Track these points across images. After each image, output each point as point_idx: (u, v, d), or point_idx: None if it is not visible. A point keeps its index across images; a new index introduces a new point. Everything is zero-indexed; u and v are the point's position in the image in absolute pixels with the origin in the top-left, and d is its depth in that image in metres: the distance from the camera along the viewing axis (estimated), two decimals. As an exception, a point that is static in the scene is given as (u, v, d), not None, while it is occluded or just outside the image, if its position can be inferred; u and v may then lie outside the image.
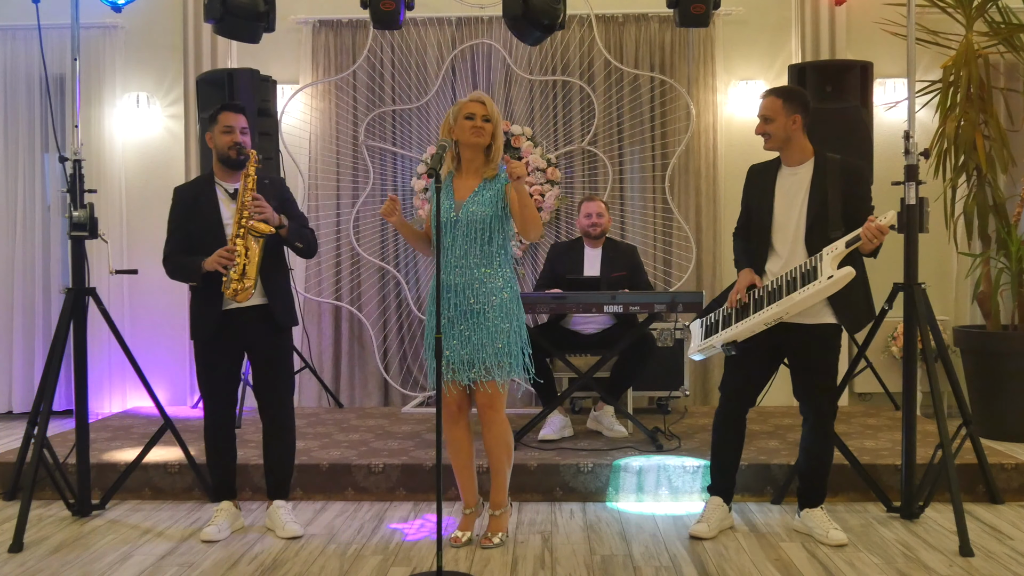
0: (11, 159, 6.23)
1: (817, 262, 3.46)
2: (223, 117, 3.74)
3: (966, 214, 5.62)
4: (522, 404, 5.98)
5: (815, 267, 3.46)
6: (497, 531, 3.63)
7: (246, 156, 3.70)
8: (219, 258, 3.60)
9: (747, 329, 3.55)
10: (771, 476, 4.21)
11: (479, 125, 3.50)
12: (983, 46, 5.58)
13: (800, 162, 3.63)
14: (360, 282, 6.15)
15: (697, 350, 3.75)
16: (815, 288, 3.41)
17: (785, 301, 3.46)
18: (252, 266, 3.61)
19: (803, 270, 3.49)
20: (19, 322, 6.23)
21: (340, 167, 6.13)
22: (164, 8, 6.17)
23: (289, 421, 3.83)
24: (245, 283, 3.60)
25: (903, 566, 3.33)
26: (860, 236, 3.40)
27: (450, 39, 6.08)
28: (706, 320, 3.77)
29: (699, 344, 3.74)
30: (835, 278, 3.38)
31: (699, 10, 4.87)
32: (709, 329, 3.73)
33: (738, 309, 3.62)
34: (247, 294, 3.61)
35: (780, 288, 3.53)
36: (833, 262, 3.42)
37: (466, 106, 3.53)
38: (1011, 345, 5.37)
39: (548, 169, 5.97)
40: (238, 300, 3.61)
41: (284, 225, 3.68)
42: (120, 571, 3.37)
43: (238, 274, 3.59)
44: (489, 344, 3.49)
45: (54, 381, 3.96)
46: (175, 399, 6.08)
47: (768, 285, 3.58)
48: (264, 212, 3.62)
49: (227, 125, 3.72)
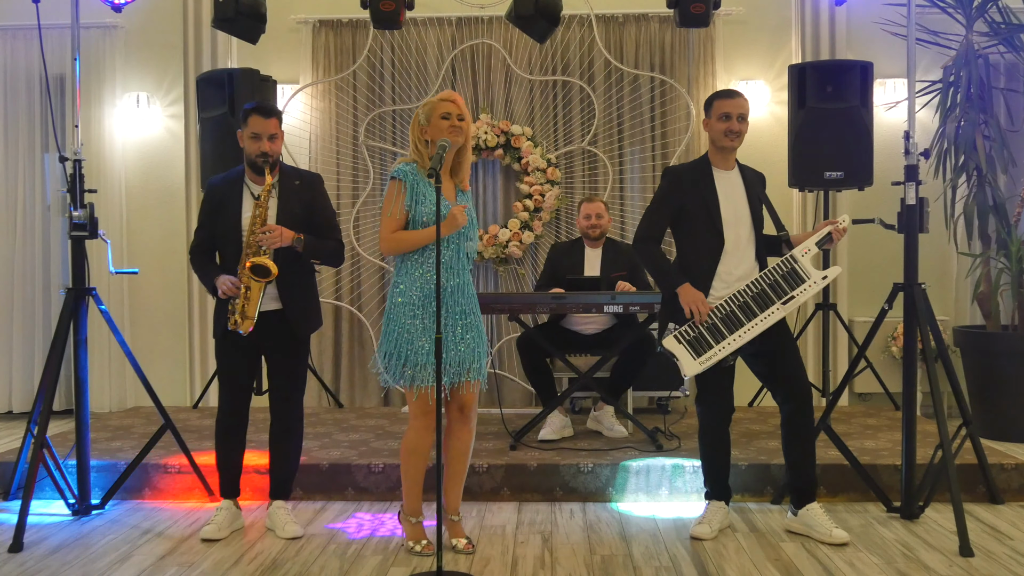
0: (11, 159, 6.23)
1: (792, 263, 3.62)
2: (252, 121, 3.65)
3: (966, 214, 5.62)
4: (522, 404, 5.98)
5: (793, 268, 3.62)
6: (461, 536, 3.57)
7: (273, 164, 3.64)
8: (227, 289, 3.60)
9: (754, 334, 3.58)
10: (771, 476, 4.21)
11: (456, 124, 3.42)
12: (983, 46, 5.58)
13: (731, 167, 3.75)
14: (360, 282, 6.15)
15: (699, 367, 3.61)
16: (813, 287, 3.60)
17: (790, 303, 3.58)
18: (251, 305, 3.58)
19: (781, 272, 3.61)
20: (19, 322, 6.23)
21: (340, 167, 6.13)
22: (164, 8, 6.17)
23: (297, 424, 3.83)
24: (244, 321, 3.59)
25: (903, 566, 3.33)
26: (830, 238, 3.64)
27: (450, 39, 6.08)
28: (684, 335, 3.63)
29: (700, 360, 3.60)
30: (829, 277, 3.66)
31: (699, 10, 4.87)
32: (693, 344, 3.61)
33: (720, 317, 3.60)
34: (247, 328, 3.60)
35: (763, 292, 3.60)
36: (810, 262, 3.63)
37: (440, 105, 3.43)
38: (1011, 345, 5.37)
39: (548, 169, 5.97)
40: (242, 331, 3.60)
41: (301, 240, 3.62)
42: (120, 571, 3.37)
43: (239, 309, 3.59)
44: (478, 345, 3.49)
45: (54, 381, 3.96)
46: (175, 399, 6.08)
47: (748, 289, 3.61)
48: (274, 242, 3.56)
49: (255, 132, 3.64)
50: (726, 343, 3.59)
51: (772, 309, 3.58)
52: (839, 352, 5.96)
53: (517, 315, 4.75)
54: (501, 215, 6.15)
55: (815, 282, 3.59)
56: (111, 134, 6.17)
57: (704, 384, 3.71)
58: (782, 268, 3.62)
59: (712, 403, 3.71)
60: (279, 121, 3.72)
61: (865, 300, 6.05)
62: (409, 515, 3.54)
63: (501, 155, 6.03)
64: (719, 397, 3.70)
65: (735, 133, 3.65)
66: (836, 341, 5.87)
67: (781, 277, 3.61)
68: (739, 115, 3.65)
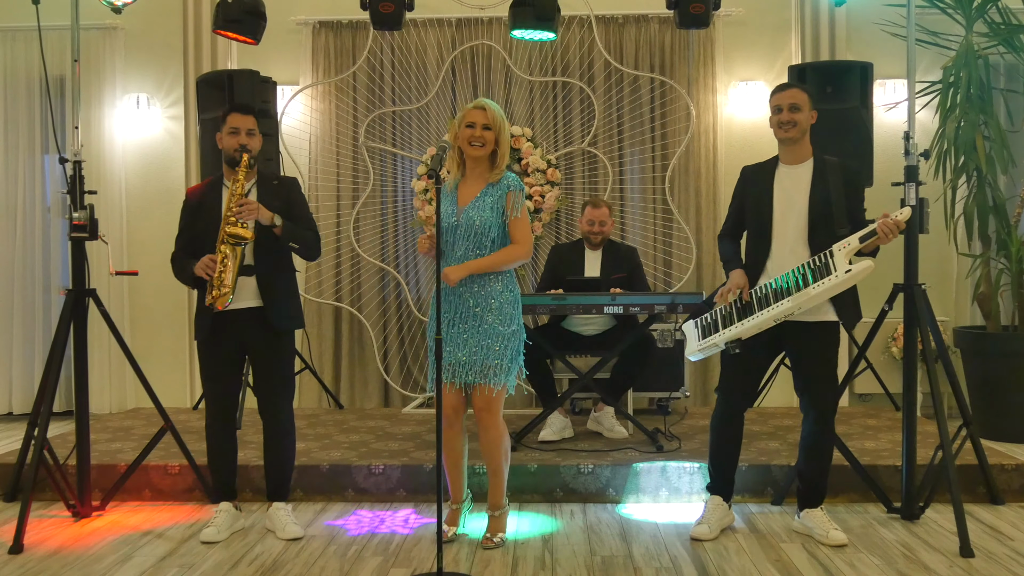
0: (11, 160, 6.23)
1: (828, 258, 3.48)
2: (231, 118, 3.72)
3: (966, 215, 5.62)
4: (522, 405, 5.98)
5: (826, 263, 3.48)
6: (497, 531, 3.64)
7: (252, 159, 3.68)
8: (204, 266, 3.60)
9: (755, 325, 3.54)
10: (771, 477, 4.21)
11: (479, 135, 3.51)
12: (983, 47, 5.58)
13: (801, 160, 3.64)
14: (360, 283, 6.15)
15: (697, 350, 3.70)
16: (832, 282, 3.43)
17: (800, 295, 3.46)
18: (228, 272, 3.58)
19: (813, 266, 3.50)
20: (19, 323, 6.23)
21: (340, 168, 6.13)
22: (164, 9, 6.17)
23: (287, 424, 3.82)
24: (222, 290, 3.57)
25: (903, 567, 3.33)
26: (876, 231, 3.43)
27: (450, 40, 6.08)
28: (701, 320, 3.72)
29: (699, 344, 3.68)
30: (853, 272, 3.42)
31: (699, 10, 4.87)
32: (706, 329, 3.68)
33: (739, 307, 3.61)
34: (224, 300, 3.58)
35: (787, 285, 3.52)
36: (845, 257, 3.45)
37: (468, 114, 3.54)
38: (1011, 346, 5.37)
39: (548, 170, 5.97)
40: (218, 307, 3.58)
41: (277, 225, 3.64)
42: (120, 572, 3.37)
43: (217, 281, 3.58)
44: (488, 347, 3.50)
45: (54, 382, 3.96)
46: (175, 400, 6.08)
47: (771, 283, 3.57)
48: (251, 214, 3.58)
49: (233, 127, 3.71)
50: (729, 330, 3.58)
51: (783, 301, 3.50)
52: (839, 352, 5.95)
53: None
54: (501, 216, 6.14)
55: (836, 276, 3.42)
56: (111, 135, 6.17)
57: (723, 372, 3.74)
58: (816, 262, 3.51)
59: (725, 392, 3.73)
60: (256, 120, 3.77)
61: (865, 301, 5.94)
62: (451, 502, 3.75)
63: (501, 156, 6.03)
64: (732, 387, 3.70)
65: (788, 123, 3.59)
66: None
67: (811, 271, 3.50)
68: (790, 105, 3.59)
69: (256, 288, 3.69)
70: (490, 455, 3.63)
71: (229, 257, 3.58)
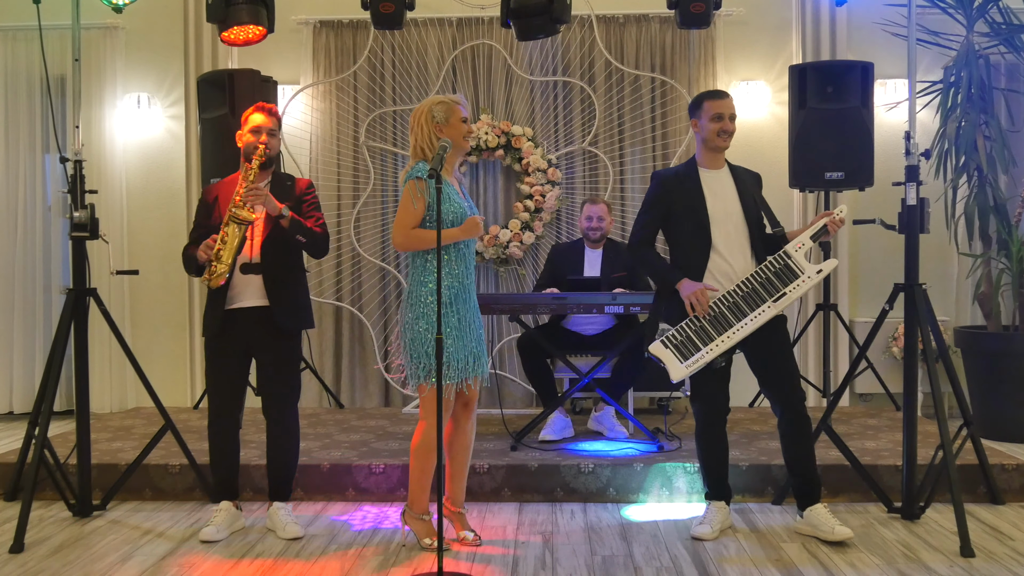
0: (12, 159, 6.24)
1: (786, 259, 3.59)
2: (253, 118, 3.74)
3: (967, 215, 5.62)
4: (522, 405, 5.98)
5: (786, 264, 3.58)
6: (470, 527, 3.66)
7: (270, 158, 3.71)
8: (205, 247, 3.61)
9: (743, 334, 3.56)
10: (771, 476, 4.21)
11: (471, 130, 3.63)
12: (984, 46, 5.58)
13: (720, 166, 3.76)
14: (361, 282, 6.16)
15: (686, 372, 3.58)
16: (808, 283, 3.56)
17: (782, 300, 3.54)
18: (227, 250, 3.60)
19: (773, 268, 3.58)
20: (19, 322, 6.23)
21: (341, 168, 6.13)
22: (165, 9, 6.17)
23: (292, 425, 3.82)
24: (219, 268, 3.59)
25: (904, 567, 3.33)
26: (826, 229, 3.58)
27: (451, 40, 6.08)
28: (672, 339, 3.62)
29: (687, 364, 3.57)
30: (823, 271, 3.59)
31: (699, 9, 4.87)
32: (680, 347, 3.59)
33: (709, 319, 3.59)
34: (219, 279, 3.59)
35: (755, 291, 3.57)
36: (803, 256, 3.60)
37: (459, 109, 3.54)
38: (1012, 346, 5.37)
39: (549, 170, 5.97)
40: (211, 285, 3.61)
41: (284, 216, 3.63)
42: (121, 572, 3.37)
43: (215, 256, 3.60)
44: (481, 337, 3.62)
45: (55, 382, 3.95)
46: (176, 399, 6.08)
47: (738, 289, 3.59)
48: (258, 199, 3.58)
49: (256, 126, 3.72)
50: (714, 345, 3.56)
51: (763, 308, 3.55)
52: (840, 352, 5.96)
53: (518, 315, 4.75)
54: (502, 216, 6.15)
55: (809, 277, 3.55)
56: (112, 135, 6.17)
57: (696, 384, 3.71)
58: (775, 265, 3.58)
59: (704, 403, 3.70)
60: (279, 122, 3.80)
61: (866, 300, 6.06)
62: (421, 513, 3.58)
63: (502, 156, 6.03)
64: (711, 397, 3.69)
65: (728, 133, 3.70)
66: (837, 341, 5.87)
67: (774, 274, 3.57)
68: (730, 115, 3.70)
69: (263, 288, 3.69)
70: (469, 449, 3.68)
71: (229, 236, 3.60)
